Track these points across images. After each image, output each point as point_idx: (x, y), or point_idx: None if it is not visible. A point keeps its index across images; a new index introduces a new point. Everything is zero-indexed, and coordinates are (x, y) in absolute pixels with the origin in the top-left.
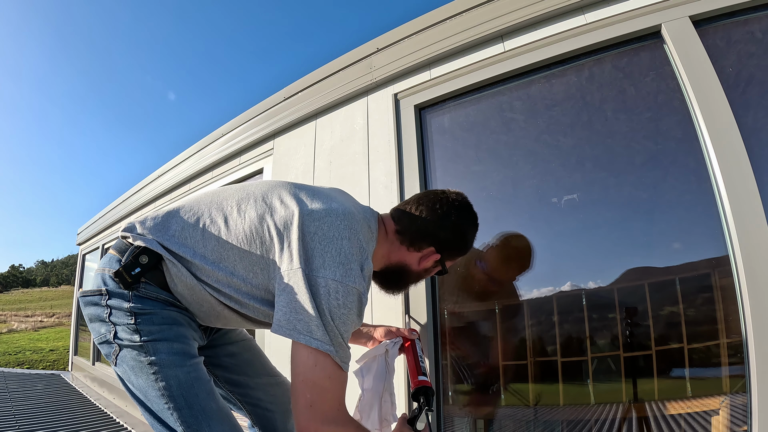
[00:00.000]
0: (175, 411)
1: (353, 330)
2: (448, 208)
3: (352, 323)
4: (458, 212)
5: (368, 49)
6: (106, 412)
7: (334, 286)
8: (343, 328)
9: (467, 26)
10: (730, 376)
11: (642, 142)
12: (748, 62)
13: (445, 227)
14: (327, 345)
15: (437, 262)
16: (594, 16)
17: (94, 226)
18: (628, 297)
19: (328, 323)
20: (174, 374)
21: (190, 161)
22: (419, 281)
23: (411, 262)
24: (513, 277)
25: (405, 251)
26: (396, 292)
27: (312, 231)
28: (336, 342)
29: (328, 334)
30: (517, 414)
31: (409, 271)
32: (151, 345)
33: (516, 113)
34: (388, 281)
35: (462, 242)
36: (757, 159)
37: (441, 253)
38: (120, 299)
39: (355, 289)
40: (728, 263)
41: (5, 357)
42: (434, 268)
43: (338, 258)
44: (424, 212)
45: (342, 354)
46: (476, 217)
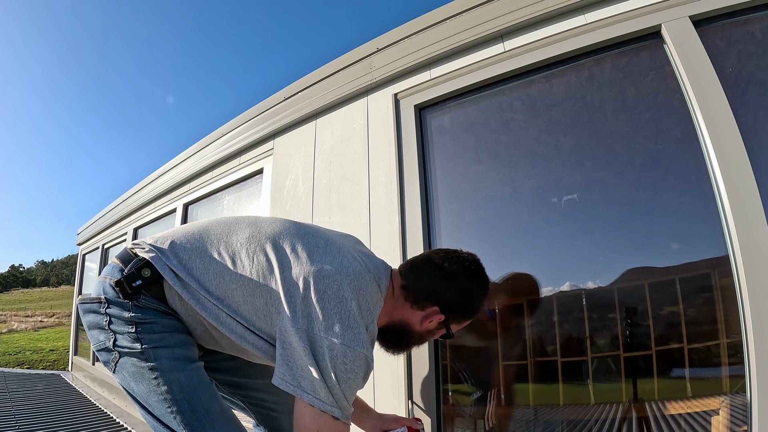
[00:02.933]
0: (178, 414)
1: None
2: (457, 267)
3: (356, 386)
4: (467, 274)
5: (368, 49)
6: (106, 412)
7: (341, 350)
8: (348, 391)
9: (467, 26)
10: (730, 376)
11: (642, 142)
12: (748, 62)
13: (452, 288)
14: (331, 407)
15: (442, 324)
16: (594, 16)
17: (94, 226)
18: (628, 297)
19: (333, 386)
20: (176, 378)
21: (190, 161)
22: (422, 343)
23: (414, 321)
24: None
25: (408, 309)
26: (397, 352)
27: (321, 290)
28: (341, 404)
29: (333, 396)
30: (517, 414)
31: (411, 330)
32: (152, 351)
33: (516, 113)
34: (389, 340)
35: (468, 306)
36: (757, 159)
37: (445, 315)
38: (120, 308)
39: (362, 353)
40: (728, 263)
41: (5, 357)
42: (438, 330)
43: (346, 321)
44: (431, 270)
45: (345, 412)
46: (487, 281)
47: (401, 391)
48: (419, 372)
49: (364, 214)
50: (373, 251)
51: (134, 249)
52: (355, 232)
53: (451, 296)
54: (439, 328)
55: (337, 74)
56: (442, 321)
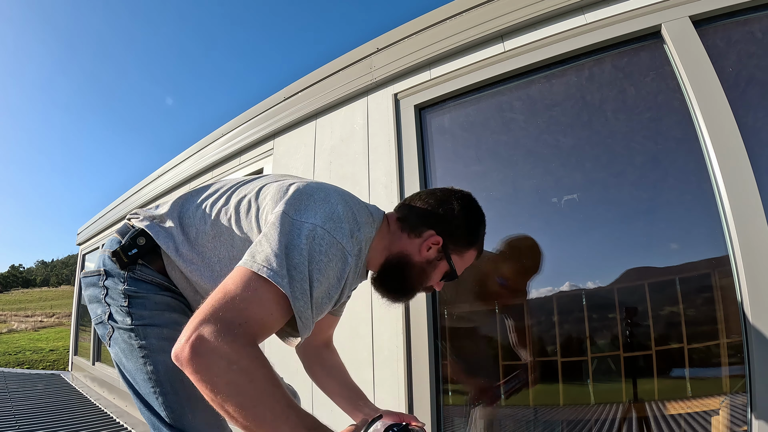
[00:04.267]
0: (160, 395)
1: (325, 305)
2: (450, 195)
3: (327, 279)
4: (461, 200)
5: (368, 49)
6: (106, 412)
7: (320, 233)
8: (317, 275)
9: (467, 26)
10: (730, 376)
11: (642, 142)
12: (748, 62)
13: (447, 209)
14: (281, 278)
15: (441, 252)
16: (594, 16)
17: (94, 226)
18: (628, 297)
19: (300, 264)
20: (162, 359)
21: (190, 161)
22: (425, 282)
23: (412, 250)
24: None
25: (406, 239)
26: (398, 296)
27: (307, 192)
28: (299, 288)
29: (292, 275)
30: (517, 414)
31: (410, 262)
32: (141, 329)
33: (516, 113)
34: (389, 281)
35: (466, 228)
36: (757, 159)
37: (444, 239)
38: (116, 280)
39: (341, 246)
40: (728, 263)
41: (5, 357)
42: (439, 263)
43: (331, 215)
44: (425, 197)
45: (300, 305)
46: (482, 211)
47: (401, 391)
48: (419, 372)
49: None
50: None
51: (131, 220)
52: None
53: (447, 217)
54: (439, 259)
55: (337, 74)
56: (441, 248)
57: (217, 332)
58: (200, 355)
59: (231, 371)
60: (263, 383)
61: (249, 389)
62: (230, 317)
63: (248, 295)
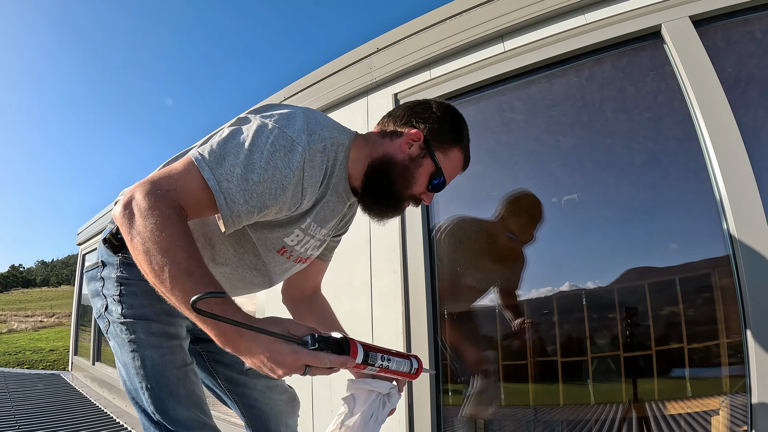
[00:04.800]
0: (146, 390)
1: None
2: (426, 100)
3: (272, 168)
4: (437, 102)
5: (368, 49)
6: (106, 412)
7: (270, 127)
8: (259, 162)
9: (467, 26)
10: (730, 376)
11: (642, 142)
12: (748, 62)
13: (426, 107)
14: (205, 164)
15: (424, 148)
16: (594, 16)
17: (94, 226)
18: (628, 297)
19: (237, 152)
20: (149, 354)
21: None
22: (410, 183)
23: (394, 150)
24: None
25: (387, 142)
26: (386, 204)
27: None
28: (226, 172)
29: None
30: (517, 414)
31: (393, 160)
32: (131, 323)
33: (516, 113)
34: (373, 183)
35: (448, 122)
36: (757, 159)
37: (426, 135)
38: (111, 268)
39: (290, 138)
40: (728, 263)
41: (5, 357)
42: (423, 159)
43: (285, 115)
44: (400, 106)
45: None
46: (461, 114)
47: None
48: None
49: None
50: (373, 252)
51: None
52: (355, 232)
53: (425, 114)
54: (423, 156)
55: (337, 74)
56: (423, 144)
57: (148, 192)
58: (127, 210)
59: (145, 224)
60: (167, 242)
61: (156, 243)
62: (163, 183)
63: (183, 171)
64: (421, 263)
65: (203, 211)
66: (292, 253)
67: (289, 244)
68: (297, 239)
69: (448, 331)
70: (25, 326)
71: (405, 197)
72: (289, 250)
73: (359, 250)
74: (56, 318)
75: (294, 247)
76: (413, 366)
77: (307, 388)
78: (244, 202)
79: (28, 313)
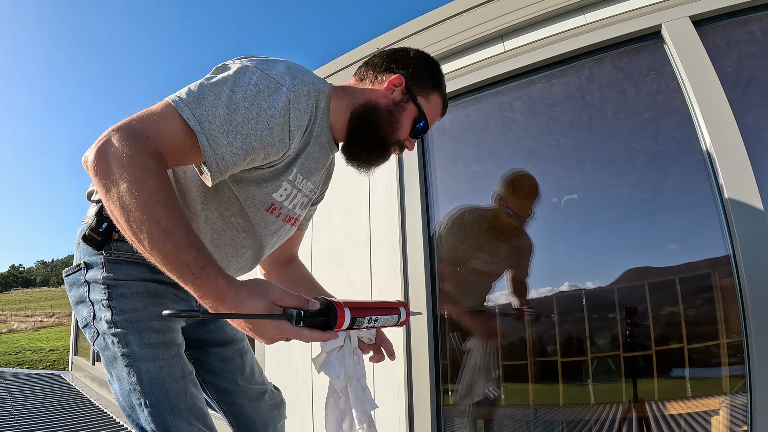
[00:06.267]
0: (145, 408)
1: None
2: (401, 47)
3: (256, 108)
4: (414, 49)
5: (368, 49)
6: (106, 412)
7: (251, 69)
8: (243, 103)
9: (467, 26)
10: (730, 376)
11: (642, 142)
12: (748, 62)
13: (403, 52)
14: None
15: (407, 93)
16: (594, 16)
17: None
18: (628, 297)
19: (218, 92)
20: (146, 368)
21: None
22: (394, 128)
23: (376, 96)
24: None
25: (369, 90)
26: (371, 152)
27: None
28: (208, 113)
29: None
30: (517, 414)
31: (377, 106)
32: (123, 335)
33: (516, 113)
34: (358, 131)
35: (425, 67)
36: (757, 159)
37: (406, 80)
38: (95, 269)
39: (274, 79)
40: (728, 263)
41: (5, 357)
42: (406, 104)
43: (266, 60)
44: (378, 54)
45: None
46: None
47: (401, 391)
48: (419, 372)
49: (364, 214)
50: (373, 252)
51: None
52: (355, 232)
53: (403, 60)
54: (405, 101)
55: (337, 74)
56: (405, 89)
57: (124, 138)
58: (102, 157)
59: (122, 176)
60: (149, 194)
61: (135, 196)
62: (140, 128)
63: (161, 113)
64: (421, 263)
65: (184, 157)
66: (281, 210)
67: (278, 200)
68: (285, 193)
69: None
70: (25, 326)
71: (391, 142)
72: (278, 206)
73: (359, 250)
74: (56, 318)
75: (282, 203)
76: (401, 318)
77: (308, 389)
78: (227, 143)
79: (28, 313)
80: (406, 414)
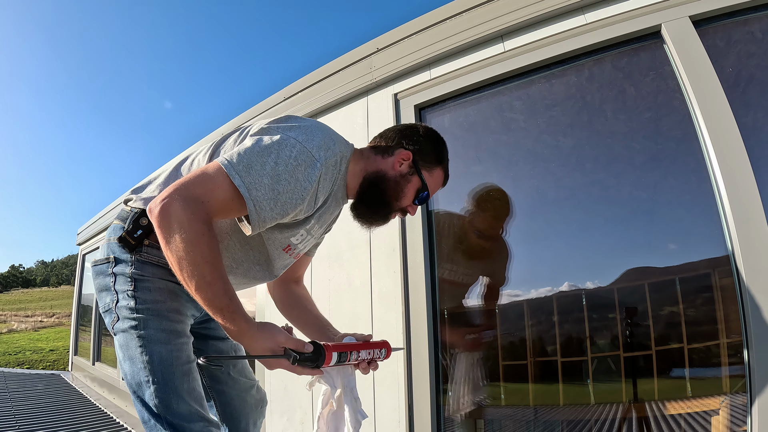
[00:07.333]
0: (152, 384)
1: (294, 204)
2: (412, 123)
3: (295, 180)
4: (422, 126)
5: (368, 49)
6: (106, 412)
7: (292, 141)
8: (285, 175)
9: (467, 26)
10: (730, 376)
11: (642, 142)
12: (748, 62)
13: (414, 130)
14: (235, 173)
15: (413, 167)
16: (594, 16)
17: (94, 226)
18: (628, 297)
19: (265, 162)
20: (158, 350)
21: None
22: (399, 196)
23: (386, 167)
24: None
25: (380, 159)
26: (376, 212)
27: (287, 115)
28: (256, 182)
29: (250, 171)
30: (517, 414)
31: (385, 177)
32: (142, 319)
33: (516, 113)
34: (367, 194)
35: (431, 144)
36: (757, 159)
37: (414, 155)
38: (124, 265)
39: (311, 153)
40: (728, 263)
41: (5, 357)
42: (411, 176)
43: (305, 129)
44: (391, 128)
45: (256, 194)
46: (442, 137)
47: (401, 391)
48: (419, 372)
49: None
50: (373, 252)
51: (128, 204)
52: (355, 233)
53: (413, 137)
54: (411, 174)
55: (337, 74)
56: (412, 163)
57: (184, 201)
58: (165, 216)
59: (181, 237)
60: (201, 255)
61: (189, 254)
62: (198, 193)
63: (215, 179)
64: (421, 263)
65: (230, 214)
66: (294, 250)
67: (294, 243)
68: (301, 238)
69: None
70: (25, 326)
71: (394, 209)
72: (293, 247)
73: (359, 250)
74: (56, 318)
75: (297, 245)
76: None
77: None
78: (270, 209)
79: (28, 313)
80: (406, 414)
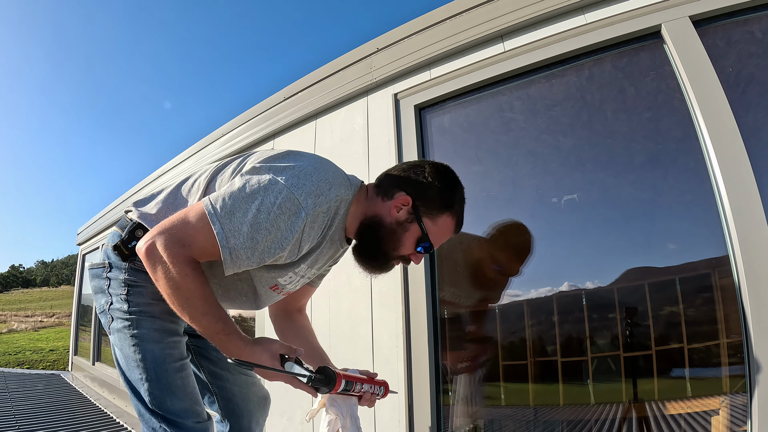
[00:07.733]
0: (146, 382)
1: (272, 253)
2: (424, 162)
3: (276, 229)
4: (433, 166)
5: (368, 49)
6: (106, 412)
7: (279, 187)
8: (265, 223)
9: (467, 26)
10: (730, 376)
11: (642, 142)
12: (748, 62)
13: (419, 172)
14: (216, 219)
15: (412, 214)
16: (594, 16)
17: (94, 226)
18: (628, 297)
19: (246, 209)
20: (150, 348)
21: (190, 161)
22: (396, 246)
23: (384, 212)
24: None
25: (380, 203)
26: (373, 261)
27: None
28: (235, 230)
29: (232, 218)
30: (517, 414)
31: (380, 222)
32: (135, 320)
33: (516, 113)
34: (362, 241)
35: (437, 189)
36: (757, 159)
37: (413, 200)
38: (118, 271)
39: (297, 201)
40: (728, 263)
41: (5, 357)
42: (410, 224)
43: (297, 173)
44: (401, 165)
45: (234, 242)
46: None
47: (401, 391)
48: (419, 372)
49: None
50: None
51: (128, 213)
52: None
53: (417, 179)
54: (410, 221)
55: (337, 74)
56: (411, 209)
57: (166, 245)
58: (149, 257)
59: (166, 276)
60: (189, 291)
61: (176, 292)
62: (179, 237)
63: (196, 224)
64: (421, 264)
65: (212, 257)
66: (283, 289)
67: (282, 283)
68: (289, 279)
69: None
70: (25, 326)
71: (392, 257)
72: (281, 287)
73: None
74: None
75: (286, 285)
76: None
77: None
78: (246, 258)
79: (28, 313)
80: (406, 414)
